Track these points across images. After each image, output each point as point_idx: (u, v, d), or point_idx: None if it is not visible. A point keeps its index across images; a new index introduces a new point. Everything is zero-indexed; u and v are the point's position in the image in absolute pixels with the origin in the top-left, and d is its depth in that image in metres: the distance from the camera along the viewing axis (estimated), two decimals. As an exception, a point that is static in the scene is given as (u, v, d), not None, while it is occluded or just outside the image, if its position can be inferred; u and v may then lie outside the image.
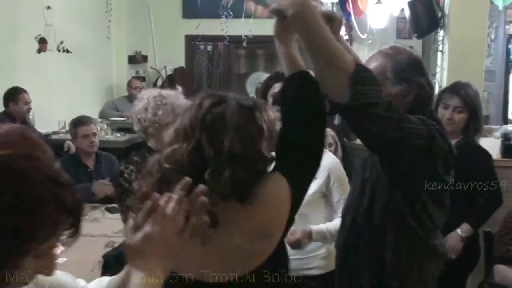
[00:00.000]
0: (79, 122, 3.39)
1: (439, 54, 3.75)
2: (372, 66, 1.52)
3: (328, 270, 2.11)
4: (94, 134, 3.39)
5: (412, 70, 1.57)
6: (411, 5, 3.67)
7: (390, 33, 5.71)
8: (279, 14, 1.26)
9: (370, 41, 4.46)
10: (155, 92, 2.15)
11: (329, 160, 2.13)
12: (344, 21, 5.31)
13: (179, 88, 2.28)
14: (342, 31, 6.07)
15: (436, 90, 3.84)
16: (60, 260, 1.82)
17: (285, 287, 1.18)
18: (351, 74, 1.26)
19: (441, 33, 3.68)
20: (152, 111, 2.07)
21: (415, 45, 6.51)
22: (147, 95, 2.14)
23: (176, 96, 2.14)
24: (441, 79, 3.74)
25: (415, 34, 3.93)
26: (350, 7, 4.69)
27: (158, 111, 2.05)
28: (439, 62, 3.79)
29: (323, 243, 2.14)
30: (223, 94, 1.16)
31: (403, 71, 1.55)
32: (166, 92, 2.16)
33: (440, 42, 3.69)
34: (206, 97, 1.14)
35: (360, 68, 1.30)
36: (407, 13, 3.73)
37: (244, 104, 1.12)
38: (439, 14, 3.59)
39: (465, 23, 3.43)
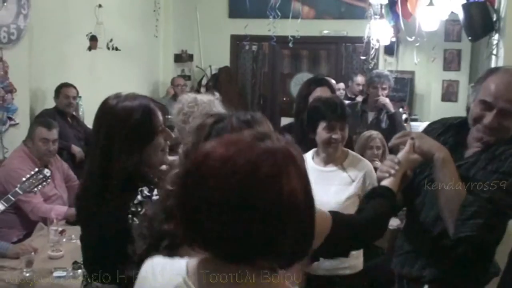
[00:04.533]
0: None
1: (493, 58, 3.60)
2: None
3: (358, 270, 2.21)
4: None
5: None
6: (466, 8, 3.54)
7: (439, 36, 5.53)
8: (426, 155, 1.50)
9: (418, 44, 4.33)
10: (190, 97, 2.16)
11: (364, 164, 2.23)
12: (392, 24, 5.20)
13: (216, 94, 2.26)
14: (390, 33, 5.87)
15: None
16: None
17: None
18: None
19: (495, 36, 3.53)
20: (183, 117, 2.10)
21: (463, 48, 6.31)
22: (184, 99, 2.16)
23: (211, 102, 2.13)
24: (494, 85, 3.58)
25: (469, 38, 3.78)
26: (399, 9, 4.58)
27: (189, 118, 2.08)
28: (493, 66, 3.64)
29: None
30: (223, 113, 1.26)
31: None
32: (202, 97, 2.16)
33: (494, 46, 3.54)
34: (207, 117, 1.20)
35: None
36: (461, 15, 3.60)
37: (243, 119, 1.18)
38: (494, 17, 3.45)
39: (522, 26, 3.28)
